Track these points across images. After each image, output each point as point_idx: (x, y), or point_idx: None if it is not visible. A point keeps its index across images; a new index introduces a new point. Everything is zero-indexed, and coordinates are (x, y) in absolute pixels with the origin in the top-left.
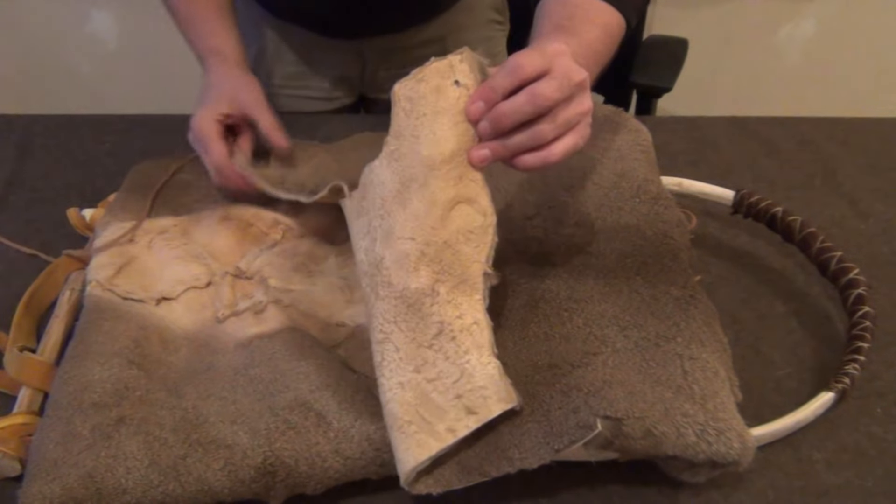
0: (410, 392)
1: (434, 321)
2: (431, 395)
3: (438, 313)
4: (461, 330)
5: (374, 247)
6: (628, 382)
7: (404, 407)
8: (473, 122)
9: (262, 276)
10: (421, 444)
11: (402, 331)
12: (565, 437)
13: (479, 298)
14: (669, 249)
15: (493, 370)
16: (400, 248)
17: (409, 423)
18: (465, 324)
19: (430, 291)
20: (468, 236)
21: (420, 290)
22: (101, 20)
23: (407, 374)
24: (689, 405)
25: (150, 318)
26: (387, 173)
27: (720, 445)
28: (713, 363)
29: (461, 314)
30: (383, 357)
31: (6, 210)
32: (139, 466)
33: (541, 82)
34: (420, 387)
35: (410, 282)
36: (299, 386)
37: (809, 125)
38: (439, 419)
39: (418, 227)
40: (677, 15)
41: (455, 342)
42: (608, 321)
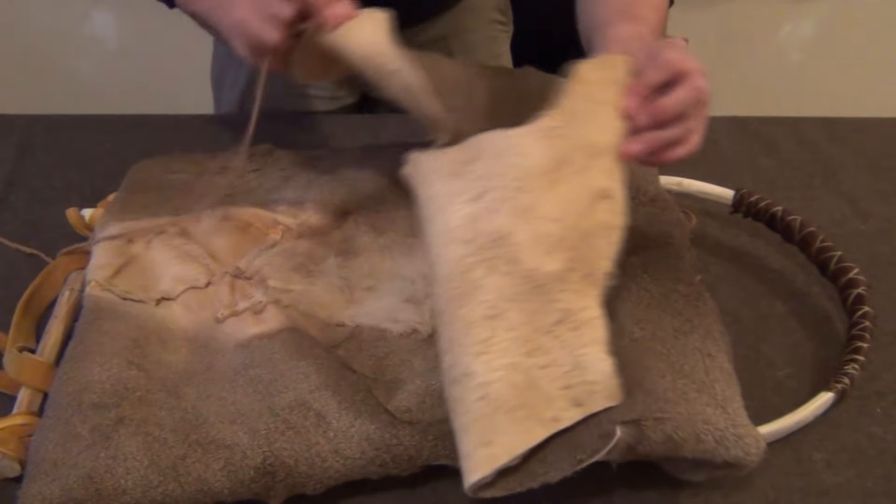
0: (521, 376)
1: (559, 307)
2: (540, 381)
3: (566, 300)
4: (584, 322)
5: (493, 217)
6: (648, 380)
7: (515, 390)
8: (630, 116)
9: (262, 276)
10: (529, 430)
11: (521, 311)
12: (587, 448)
13: (598, 294)
14: (673, 249)
15: (607, 367)
16: (540, 228)
17: (520, 406)
18: (589, 316)
19: (562, 278)
20: (605, 231)
21: (552, 275)
22: (101, 20)
23: (518, 357)
24: (711, 409)
25: (150, 319)
26: (537, 147)
27: (738, 450)
28: (727, 364)
29: (586, 306)
30: (493, 334)
31: (6, 210)
32: (139, 467)
33: (696, 77)
34: (531, 372)
35: (545, 264)
36: (299, 386)
37: (809, 125)
38: (546, 407)
39: (567, 210)
40: (677, 15)
41: (576, 333)
42: (622, 316)
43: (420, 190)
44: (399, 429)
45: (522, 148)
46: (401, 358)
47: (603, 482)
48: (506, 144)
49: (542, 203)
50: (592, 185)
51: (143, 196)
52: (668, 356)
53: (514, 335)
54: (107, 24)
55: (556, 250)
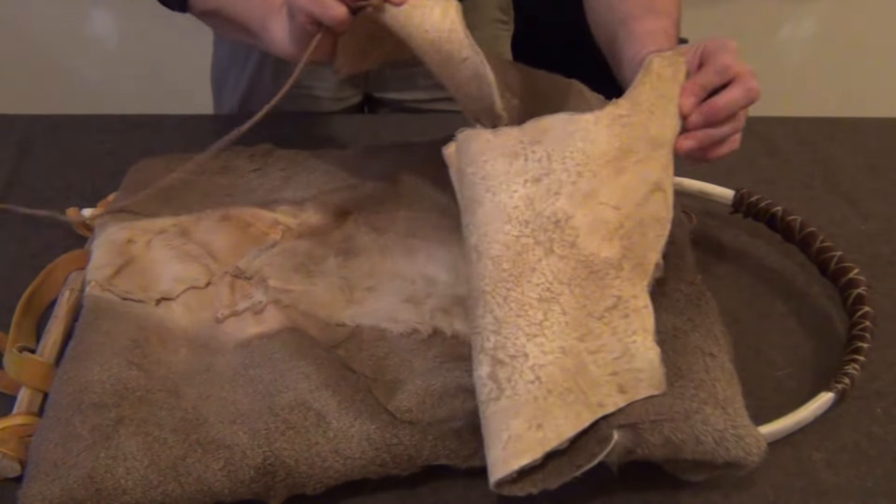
0: (572, 360)
1: (612, 294)
2: (589, 366)
3: (619, 287)
4: (635, 310)
5: (553, 199)
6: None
7: (565, 374)
8: (685, 114)
9: (262, 276)
10: (578, 414)
11: (574, 295)
12: (586, 453)
13: (647, 285)
14: (675, 248)
15: (655, 356)
16: (601, 214)
17: (570, 390)
18: (639, 305)
19: (617, 265)
20: (656, 223)
21: (608, 261)
22: (101, 20)
23: (570, 341)
24: (710, 409)
25: (150, 319)
26: (603, 133)
27: (739, 451)
28: (729, 364)
29: (636, 294)
30: (546, 317)
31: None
32: (139, 467)
33: (749, 79)
34: (581, 356)
35: (602, 250)
36: (299, 386)
37: (809, 125)
38: (593, 392)
39: (626, 199)
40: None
41: (627, 320)
42: None
43: (469, 169)
44: (399, 429)
45: (589, 133)
46: (401, 358)
47: (603, 482)
48: (573, 128)
49: (603, 189)
50: (650, 177)
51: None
52: (668, 357)
53: (567, 319)
54: (107, 24)
55: (614, 237)
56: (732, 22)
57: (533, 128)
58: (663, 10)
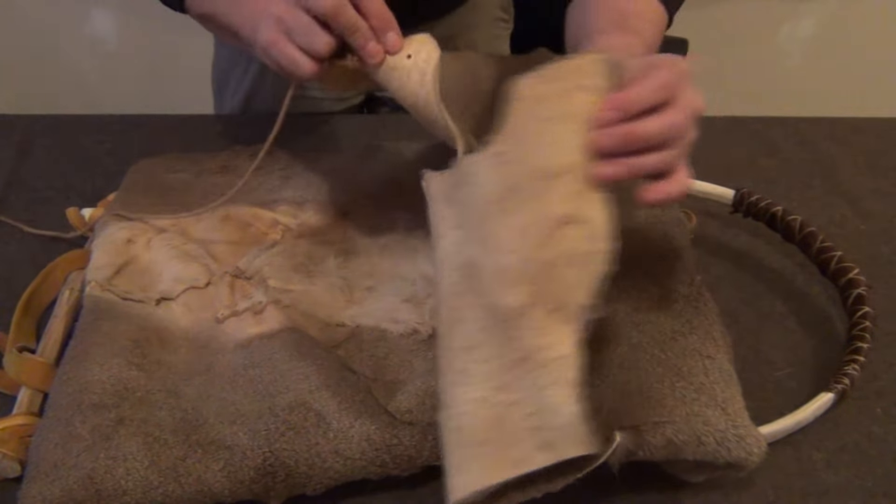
0: (490, 410)
1: (521, 346)
2: (509, 418)
3: (527, 338)
4: (548, 362)
5: (468, 246)
6: (646, 385)
7: (481, 425)
8: (602, 128)
9: (262, 276)
10: (489, 468)
11: (490, 345)
12: (588, 455)
13: (574, 330)
14: (673, 249)
15: (574, 411)
16: (498, 261)
17: (484, 442)
18: (553, 356)
19: (523, 313)
20: (574, 261)
21: (513, 310)
22: (101, 20)
23: (489, 391)
24: (711, 410)
25: (150, 319)
26: (487, 174)
27: (740, 451)
28: (727, 365)
29: (551, 344)
30: (465, 366)
31: (6, 210)
32: (139, 467)
33: (677, 111)
34: (499, 407)
35: (505, 298)
36: (299, 386)
37: (809, 125)
38: (513, 446)
39: (520, 241)
40: (677, 15)
41: (539, 372)
42: (620, 320)
43: (430, 209)
44: (399, 429)
45: (476, 175)
46: (401, 358)
47: (603, 482)
48: (471, 170)
49: (497, 234)
50: (550, 212)
51: (143, 196)
52: (667, 360)
53: (486, 368)
54: (107, 24)
55: (518, 283)
56: (732, 22)
57: (459, 170)
58: (634, 28)
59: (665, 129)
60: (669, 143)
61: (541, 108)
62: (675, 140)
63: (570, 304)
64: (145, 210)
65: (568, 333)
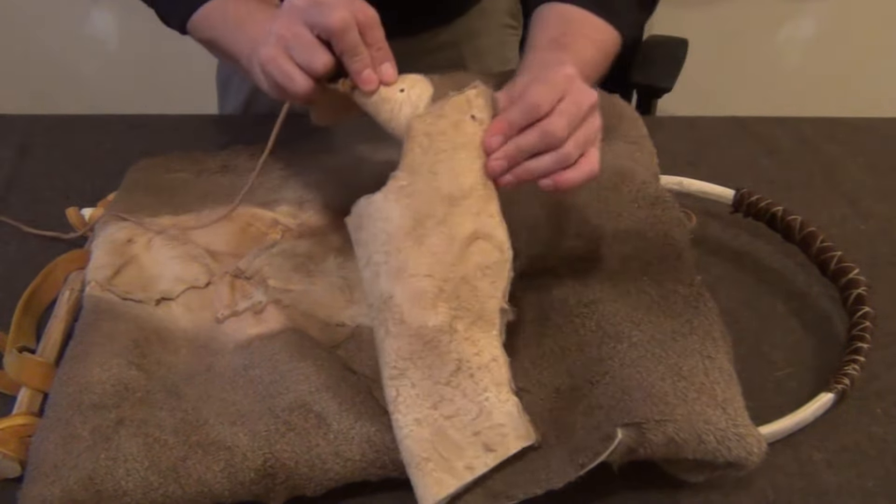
0: (427, 429)
1: (452, 358)
2: (449, 431)
3: (456, 350)
4: (479, 367)
5: (377, 281)
6: (648, 382)
7: (421, 444)
8: (489, 153)
9: (262, 276)
10: (439, 481)
11: (418, 368)
12: (589, 451)
13: (496, 334)
14: (673, 249)
15: (512, 407)
16: (415, 286)
17: (427, 460)
18: (483, 361)
19: (448, 329)
20: (485, 272)
21: (437, 328)
22: (101, 20)
23: (424, 411)
24: (711, 410)
25: (150, 319)
26: (395, 209)
27: (740, 450)
28: (727, 365)
29: (479, 351)
30: (398, 392)
31: (6, 210)
32: (139, 468)
33: (552, 119)
34: (437, 423)
35: (428, 319)
36: (299, 387)
37: (809, 125)
38: (457, 456)
39: (436, 263)
40: (677, 15)
41: (473, 379)
42: (621, 319)
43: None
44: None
45: (382, 211)
46: None
47: (603, 482)
48: (372, 209)
49: (411, 261)
50: (458, 233)
51: (143, 196)
52: (667, 359)
53: (417, 391)
54: (107, 24)
55: (437, 304)
56: (732, 22)
57: (357, 213)
58: (570, 45)
59: (543, 136)
60: (556, 144)
61: (437, 142)
62: (557, 141)
63: (488, 312)
64: (145, 210)
65: (492, 338)
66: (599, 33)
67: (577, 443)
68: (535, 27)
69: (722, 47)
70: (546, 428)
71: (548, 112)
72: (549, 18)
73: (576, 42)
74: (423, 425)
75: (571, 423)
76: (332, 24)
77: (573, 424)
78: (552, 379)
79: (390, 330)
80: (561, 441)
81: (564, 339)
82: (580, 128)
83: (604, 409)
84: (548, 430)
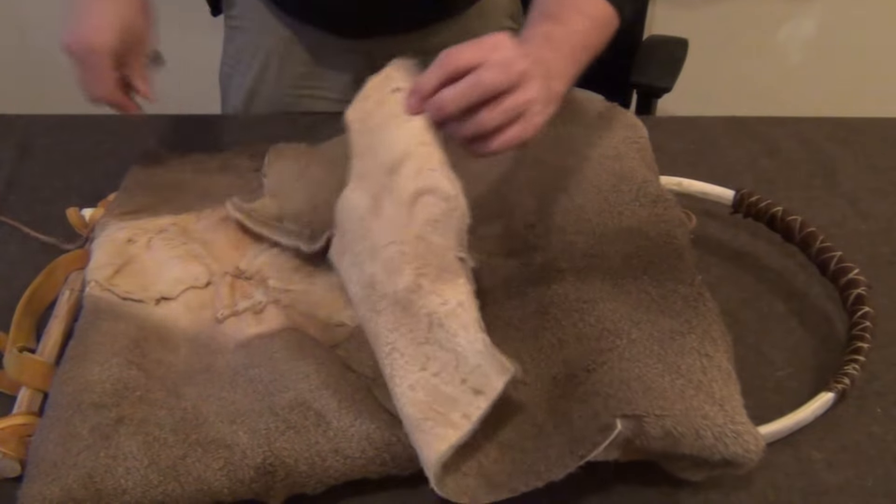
0: (421, 391)
1: (423, 314)
2: (440, 387)
3: (426, 306)
4: (447, 315)
5: (363, 269)
6: (646, 377)
7: (418, 406)
8: (413, 114)
9: (262, 276)
10: (440, 437)
11: (402, 335)
12: (587, 442)
13: (463, 282)
14: (674, 249)
15: (481, 346)
16: (385, 256)
17: (425, 419)
18: (450, 308)
19: (416, 287)
20: (435, 226)
21: (407, 289)
22: None
23: (415, 375)
24: (709, 406)
25: (150, 319)
26: (357, 195)
27: (738, 447)
28: (726, 364)
29: (445, 301)
30: (392, 367)
31: (6, 210)
32: (139, 467)
33: (482, 69)
34: (429, 383)
35: (398, 283)
36: (299, 385)
37: (809, 125)
38: (453, 408)
39: (394, 229)
40: (677, 15)
41: (444, 329)
42: (620, 317)
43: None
44: (399, 429)
45: (351, 201)
46: None
47: (603, 482)
48: (344, 204)
49: (378, 235)
50: (403, 195)
51: (143, 196)
52: (665, 356)
53: (406, 358)
54: None
55: (402, 266)
56: (732, 22)
57: (338, 221)
58: (561, 17)
59: (468, 87)
60: (476, 105)
61: (368, 123)
62: (490, 99)
63: (448, 263)
64: (145, 210)
65: (458, 286)
66: (594, 8)
67: (575, 433)
68: (532, 7)
69: (722, 47)
70: (543, 417)
71: (468, 68)
72: None
73: (568, 14)
74: (416, 389)
75: (568, 411)
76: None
77: (570, 412)
78: (549, 369)
79: (377, 308)
80: (558, 430)
81: (563, 332)
82: (509, 94)
83: (601, 396)
84: (545, 419)
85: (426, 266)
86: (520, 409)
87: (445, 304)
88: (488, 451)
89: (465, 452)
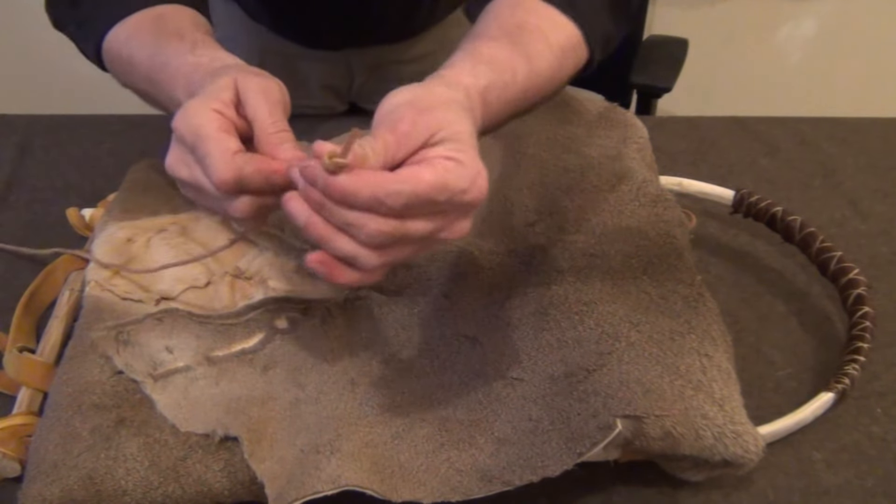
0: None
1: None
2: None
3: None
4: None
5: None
6: (646, 378)
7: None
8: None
9: (262, 276)
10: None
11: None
12: (587, 441)
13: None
14: (674, 249)
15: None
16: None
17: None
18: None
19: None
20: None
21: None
22: None
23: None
24: (709, 406)
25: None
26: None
27: (737, 448)
28: (726, 364)
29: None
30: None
31: (6, 210)
32: (139, 468)
33: (440, 226)
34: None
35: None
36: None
37: (809, 125)
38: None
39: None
40: (677, 15)
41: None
42: (619, 319)
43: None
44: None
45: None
46: None
47: (602, 482)
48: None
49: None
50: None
51: (143, 196)
52: (665, 358)
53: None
54: None
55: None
56: (732, 22)
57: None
58: (524, 45)
59: (386, 233)
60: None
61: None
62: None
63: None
64: (145, 210)
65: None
66: (560, 36)
67: (573, 431)
68: (492, 10)
69: (722, 47)
70: (540, 414)
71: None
72: (504, 5)
73: (532, 43)
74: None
75: (566, 409)
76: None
77: (568, 410)
78: (547, 367)
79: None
80: (555, 427)
81: (562, 333)
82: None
83: (601, 396)
84: (541, 415)
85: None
86: (516, 406)
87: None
88: (483, 447)
89: (461, 449)
